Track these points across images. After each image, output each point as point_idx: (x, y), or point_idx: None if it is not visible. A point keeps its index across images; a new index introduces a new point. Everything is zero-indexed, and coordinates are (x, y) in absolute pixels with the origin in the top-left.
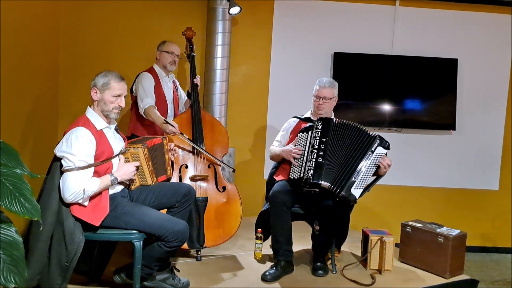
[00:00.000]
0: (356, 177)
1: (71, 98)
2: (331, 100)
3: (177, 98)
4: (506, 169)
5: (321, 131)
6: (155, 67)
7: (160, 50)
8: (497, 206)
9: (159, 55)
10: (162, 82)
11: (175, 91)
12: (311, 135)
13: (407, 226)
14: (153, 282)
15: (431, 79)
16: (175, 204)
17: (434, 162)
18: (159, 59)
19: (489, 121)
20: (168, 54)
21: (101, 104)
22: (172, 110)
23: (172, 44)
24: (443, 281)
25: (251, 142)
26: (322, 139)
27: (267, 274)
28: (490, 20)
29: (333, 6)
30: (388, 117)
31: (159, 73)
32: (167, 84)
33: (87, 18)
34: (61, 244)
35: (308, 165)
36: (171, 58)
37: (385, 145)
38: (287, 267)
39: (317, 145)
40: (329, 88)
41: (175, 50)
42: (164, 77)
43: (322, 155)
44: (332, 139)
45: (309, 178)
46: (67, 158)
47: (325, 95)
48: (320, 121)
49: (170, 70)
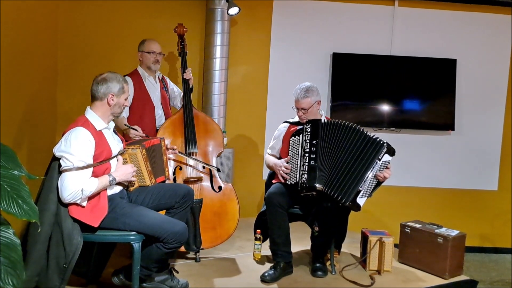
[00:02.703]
0: (363, 186)
1: (69, 98)
2: (310, 108)
3: (166, 97)
4: (505, 169)
5: (310, 134)
6: (138, 69)
7: (140, 51)
8: (496, 206)
9: (141, 56)
10: (146, 83)
11: (164, 90)
12: (302, 139)
13: (406, 227)
14: (152, 283)
15: (430, 79)
16: (173, 205)
17: (433, 162)
18: (142, 60)
19: (488, 122)
20: (149, 54)
21: (115, 108)
22: (162, 110)
23: (151, 42)
24: (442, 282)
25: (250, 143)
26: (312, 141)
27: (266, 275)
28: (488, 20)
29: (332, 7)
30: (387, 118)
31: (142, 74)
32: (153, 85)
33: (86, 18)
34: (59, 245)
35: (302, 169)
36: (153, 58)
37: (391, 152)
38: (286, 268)
39: (308, 148)
40: (304, 99)
41: (156, 48)
42: (148, 78)
43: (314, 158)
44: (323, 140)
45: (303, 183)
46: (66, 158)
47: (302, 106)
48: (308, 123)
49: (155, 69)
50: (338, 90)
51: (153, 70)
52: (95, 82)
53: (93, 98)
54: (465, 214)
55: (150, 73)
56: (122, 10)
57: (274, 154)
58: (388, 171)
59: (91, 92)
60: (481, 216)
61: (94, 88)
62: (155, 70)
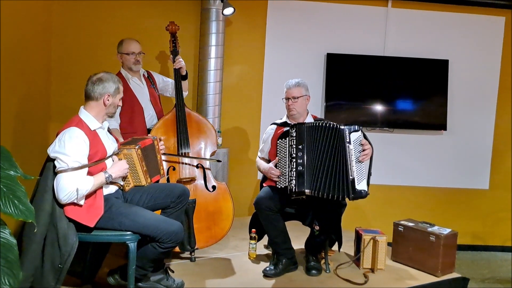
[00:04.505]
0: (353, 174)
1: (63, 98)
2: (300, 98)
3: (155, 94)
4: (496, 168)
5: (296, 138)
6: (121, 71)
7: (120, 53)
8: (487, 205)
9: (120, 58)
10: (131, 85)
11: (152, 87)
12: (288, 144)
13: (399, 225)
14: (148, 283)
15: (423, 80)
16: (169, 205)
17: (425, 162)
18: (122, 62)
19: (480, 121)
20: (129, 55)
21: (110, 108)
22: (152, 109)
23: (129, 43)
24: (435, 279)
25: (245, 143)
26: (298, 146)
27: (268, 269)
28: (480, 21)
29: (326, 8)
30: (380, 118)
31: (125, 76)
32: (138, 85)
33: (80, 18)
34: (55, 245)
35: (290, 175)
36: (133, 58)
37: (355, 129)
38: (289, 265)
39: (295, 153)
40: (295, 88)
41: (134, 49)
42: (132, 79)
43: (301, 163)
44: (308, 143)
45: (292, 188)
46: (61, 159)
47: (293, 94)
48: (293, 128)
49: (136, 70)
50: (332, 90)
51: (135, 71)
52: (90, 82)
53: (87, 98)
54: (457, 212)
55: (134, 74)
56: (116, 10)
57: (264, 157)
58: (366, 146)
59: (85, 92)
60: (472, 215)
61: (90, 88)
62: (137, 70)
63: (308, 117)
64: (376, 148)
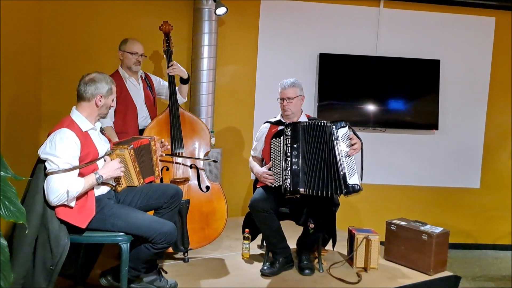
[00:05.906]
0: (343, 168)
1: (54, 98)
2: (295, 99)
3: (151, 96)
4: (487, 167)
5: (291, 137)
6: (119, 70)
7: (122, 50)
8: (479, 203)
9: (122, 56)
10: (127, 84)
11: (147, 89)
12: (283, 142)
13: (392, 225)
14: (140, 284)
15: (414, 79)
16: (162, 205)
17: (417, 161)
18: (123, 60)
19: (471, 121)
20: (131, 54)
21: (102, 109)
22: (147, 111)
23: (134, 43)
24: (427, 278)
25: (238, 143)
26: (293, 145)
27: (265, 268)
28: (471, 22)
29: (318, 8)
30: (373, 117)
31: (123, 75)
32: (135, 86)
33: (70, 18)
34: (46, 247)
35: (284, 174)
36: (135, 59)
37: (342, 125)
38: (286, 263)
39: (290, 152)
40: (290, 88)
41: (138, 49)
42: (129, 79)
43: (296, 162)
44: (303, 143)
45: (287, 187)
46: (51, 161)
47: (288, 95)
48: (288, 127)
49: (136, 71)
50: (324, 90)
51: (133, 72)
52: (82, 83)
53: (79, 99)
54: (448, 211)
55: (132, 74)
56: (107, 10)
57: (257, 155)
58: (354, 140)
59: (77, 92)
60: (464, 214)
61: (82, 88)
62: (136, 71)
63: (302, 116)
64: (368, 148)
